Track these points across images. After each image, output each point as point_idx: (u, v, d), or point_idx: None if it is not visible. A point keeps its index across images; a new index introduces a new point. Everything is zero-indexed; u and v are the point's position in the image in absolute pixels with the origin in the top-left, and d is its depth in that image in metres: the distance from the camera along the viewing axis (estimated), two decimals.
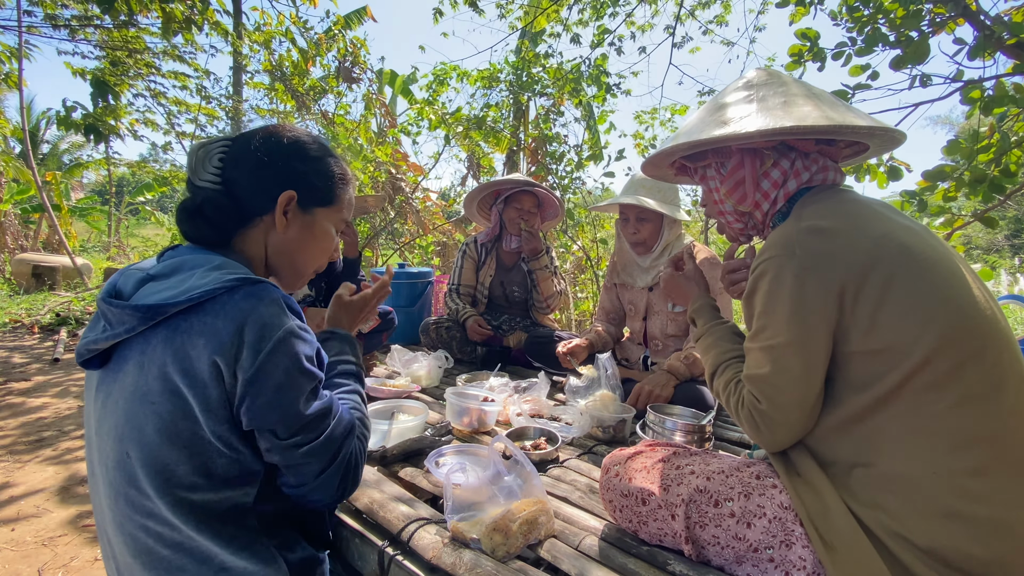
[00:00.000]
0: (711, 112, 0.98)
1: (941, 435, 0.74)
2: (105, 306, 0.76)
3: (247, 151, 0.86)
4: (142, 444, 0.72)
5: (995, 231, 12.23)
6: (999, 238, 16.51)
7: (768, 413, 0.84)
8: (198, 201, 0.83)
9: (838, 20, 2.45)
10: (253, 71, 6.42)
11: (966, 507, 0.71)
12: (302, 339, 0.77)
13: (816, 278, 0.79)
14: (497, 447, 1.17)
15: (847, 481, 0.80)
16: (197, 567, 0.72)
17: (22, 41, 6.03)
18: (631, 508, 0.98)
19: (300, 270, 0.94)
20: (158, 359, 0.72)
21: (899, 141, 0.96)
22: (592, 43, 4.59)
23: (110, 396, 0.76)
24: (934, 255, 0.80)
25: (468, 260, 2.67)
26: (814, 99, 0.91)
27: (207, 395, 0.71)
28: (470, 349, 2.53)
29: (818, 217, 0.85)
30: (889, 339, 0.76)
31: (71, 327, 5.21)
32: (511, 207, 2.52)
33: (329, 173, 0.92)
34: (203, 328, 0.71)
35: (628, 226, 2.04)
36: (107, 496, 0.75)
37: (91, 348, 0.76)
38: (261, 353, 0.72)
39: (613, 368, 1.78)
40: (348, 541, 1.07)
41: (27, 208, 9.89)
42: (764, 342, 0.85)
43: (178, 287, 0.74)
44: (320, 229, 0.92)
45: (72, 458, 2.42)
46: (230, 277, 0.74)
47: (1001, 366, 0.75)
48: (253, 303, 0.73)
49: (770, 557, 0.82)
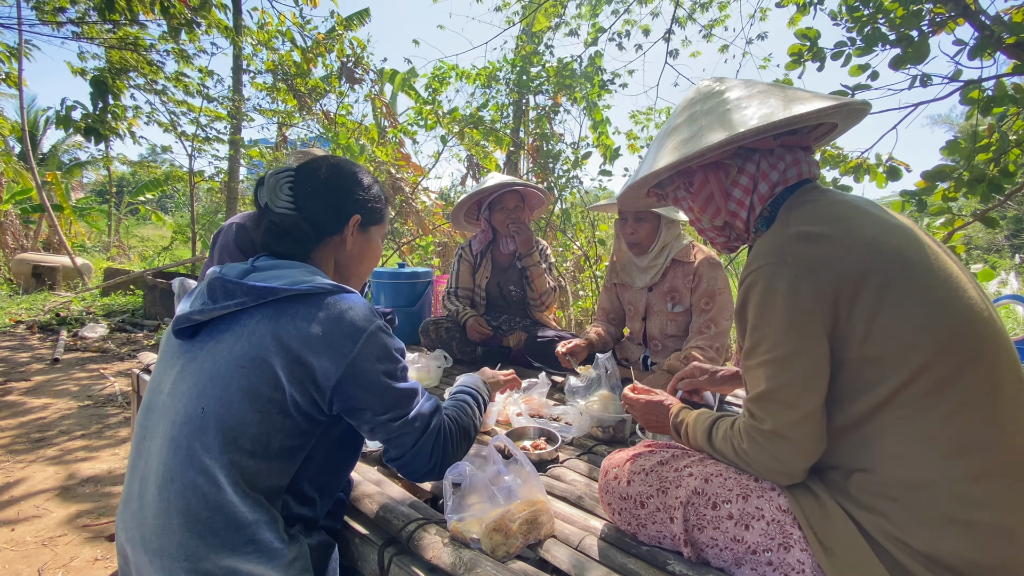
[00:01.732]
0: (661, 140, 0.98)
1: (939, 441, 0.73)
2: (219, 282, 0.88)
3: (317, 181, 1.00)
4: (223, 401, 0.80)
5: (995, 231, 12.22)
6: (999, 238, 16.50)
7: (775, 432, 0.80)
8: (286, 225, 0.97)
9: (838, 20, 2.45)
10: (256, 71, 6.41)
11: (966, 513, 0.70)
12: (389, 335, 0.93)
13: (811, 285, 0.77)
14: (497, 447, 1.17)
15: (846, 486, 0.79)
16: (231, 534, 0.77)
17: (22, 41, 6.03)
18: (630, 511, 0.98)
19: (362, 277, 1.12)
20: (259, 332, 0.83)
21: (862, 111, 0.93)
22: (586, 41, 4.58)
23: (194, 360, 0.86)
24: (928, 257, 0.78)
25: (464, 264, 2.67)
26: (756, 97, 0.89)
27: (295, 370, 0.82)
28: (470, 349, 2.53)
29: (808, 222, 0.83)
30: (886, 346, 0.75)
31: (71, 327, 5.21)
32: (496, 211, 2.51)
33: (381, 198, 1.09)
34: (307, 314, 0.84)
35: (626, 226, 2.04)
36: (163, 452, 0.81)
37: (193, 319, 0.87)
38: (358, 343, 0.86)
39: (613, 368, 1.77)
40: (348, 541, 1.07)
41: (27, 208, 9.89)
42: (762, 357, 0.82)
43: (284, 279, 0.88)
44: (375, 243, 1.10)
45: (72, 458, 2.42)
46: (329, 283, 0.90)
47: (998, 369, 0.74)
48: (350, 303, 0.89)
49: (768, 560, 0.82)
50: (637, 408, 1.20)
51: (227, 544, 0.77)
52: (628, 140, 4.97)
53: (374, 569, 1.00)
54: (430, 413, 0.98)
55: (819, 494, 0.80)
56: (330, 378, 0.84)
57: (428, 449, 0.96)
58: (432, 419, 0.98)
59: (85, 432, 2.74)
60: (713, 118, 0.90)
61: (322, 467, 0.93)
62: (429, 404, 0.99)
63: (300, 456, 0.87)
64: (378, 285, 3.36)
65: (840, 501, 0.79)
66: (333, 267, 1.04)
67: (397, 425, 0.92)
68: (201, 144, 7.12)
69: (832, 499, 0.79)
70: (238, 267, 0.93)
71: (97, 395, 3.33)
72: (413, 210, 5.48)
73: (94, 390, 3.43)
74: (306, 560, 0.83)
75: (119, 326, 5.32)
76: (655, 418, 1.16)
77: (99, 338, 4.82)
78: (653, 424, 1.17)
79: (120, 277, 7.05)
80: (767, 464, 0.83)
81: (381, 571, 0.98)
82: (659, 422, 1.14)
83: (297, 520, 0.89)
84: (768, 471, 0.83)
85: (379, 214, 1.09)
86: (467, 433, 1.08)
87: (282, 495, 0.86)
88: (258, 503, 0.80)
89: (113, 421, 2.93)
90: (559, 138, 4.77)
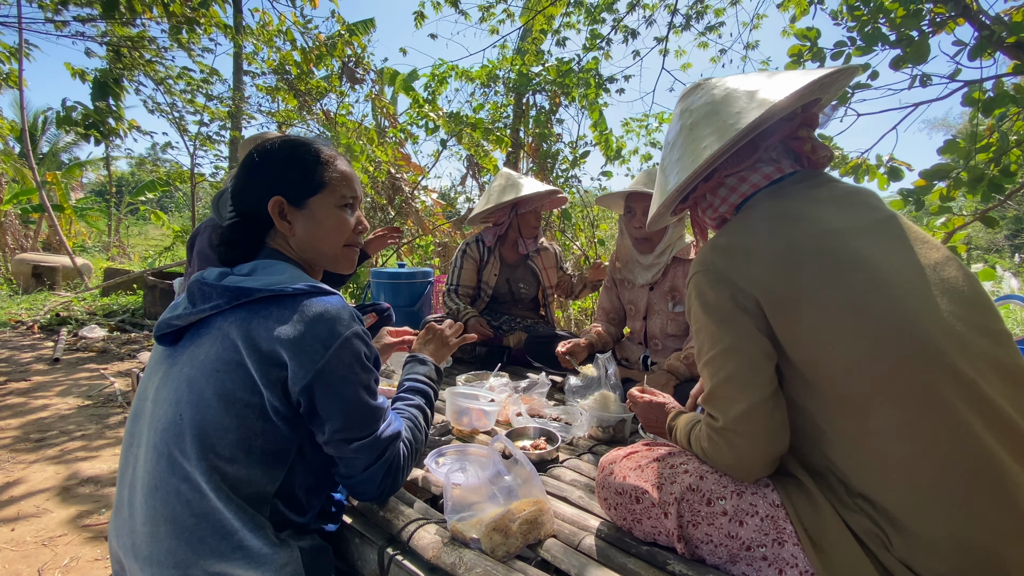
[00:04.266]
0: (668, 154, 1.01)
1: (887, 452, 0.72)
2: (196, 285, 0.86)
3: (241, 176, 0.94)
4: (199, 406, 0.79)
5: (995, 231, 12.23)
6: (999, 238, 16.50)
7: (726, 427, 0.81)
8: (229, 234, 0.94)
9: (838, 20, 2.45)
10: (258, 71, 6.41)
11: (921, 525, 0.69)
12: (364, 342, 0.87)
13: (729, 292, 0.81)
14: (497, 447, 1.17)
15: (832, 484, 0.79)
16: (218, 540, 0.76)
17: (22, 40, 6.03)
18: (625, 506, 0.98)
19: (330, 254, 0.99)
20: (233, 335, 0.81)
21: (850, 72, 0.93)
22: (584, 47, 4.59)
23: (175, 366, 0.84)
24: (853, 260, 0.77)
25: (469, 260, 2.65)
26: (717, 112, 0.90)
27: (268, 373, 0.79)
28: (470, 349, 2.53)
29: (731, 233, 0.88)
30: (812, 352, 0.77)
31: (71, 327, 5.21)
32: (529, 214, 2.51)
33: (304, 163, 0.93)
34: (280, 316, 0.81)
35: (633, 219, 2.02)
36: (148, 460, 0.80)
37: (172, 324, 0.86)
38: (330, 349, 0.81)
39: (613, 368, 1.77)
40: (348, 541, 1.07)
41: (27, 208, 9.89)
42: (705, 357, 0.85)
43: (260, 281, 0.85)
44: (322, 215, 0.95)
45: (72, 458, 2.42)
46: (307, 284, 0.85)
47: (938, 376, 0.70)
48: (326, 305, 0.84)
49: (763, 555, 0.82)
50: (639, 408, 1.21)
51: (215, 550, 0.76)
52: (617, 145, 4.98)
53: (374, 569, 1.00)
54: (389, 440, 0.92)
55: (811, 491, 0.80)
56: (297, 383, 0.80)
57: (379, 476, 0.91)
58: (389, 447, 0.92)
59: (85, 432, 2.74)
60: (690, 146, 0.92)
61: (311, 471, 0.90)
62: (391, 429, 0.93)
63: (286, 460, 0.85)
64: (378, 285, 3.37)
65: (829, 498, 0.78)
66: (295, 256, 0.97)
67: (352, 448, 0.87)
68: (204, 143, 7.13)
69: (823, 497, 0.79)
70: (217, 270, 0.91)
71: (97, 395, 3.33)
72: (413, 210, 5.48)
73: (94, 390, 3.43)
74: (297, 565, 0.81)
75: (119, 326, 5.32)
76: (654, 419, 1.16)
77: (99, 338, 4.82)
78: (652, 425, 1.18)
79: (120, 277, 7.04)
80: (726, 461, 0.84)
81: (381, 571, 0.98)
82: (657, 423, 1.15)
83: (287, 525, 0.86)
84: (728, 467, 0.85)
85: (310, 183, 0.93)
86: (419, 452, 1.04)
87: (270, 500, 0.83)
88: (243, 509, 0.78)
89: (113, 421, 2.93)
90: (558, 138, 4.78)
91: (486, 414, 1.59)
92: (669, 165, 0.98)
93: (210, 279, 0.87)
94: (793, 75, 0.88)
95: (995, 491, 0.68)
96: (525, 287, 2.64)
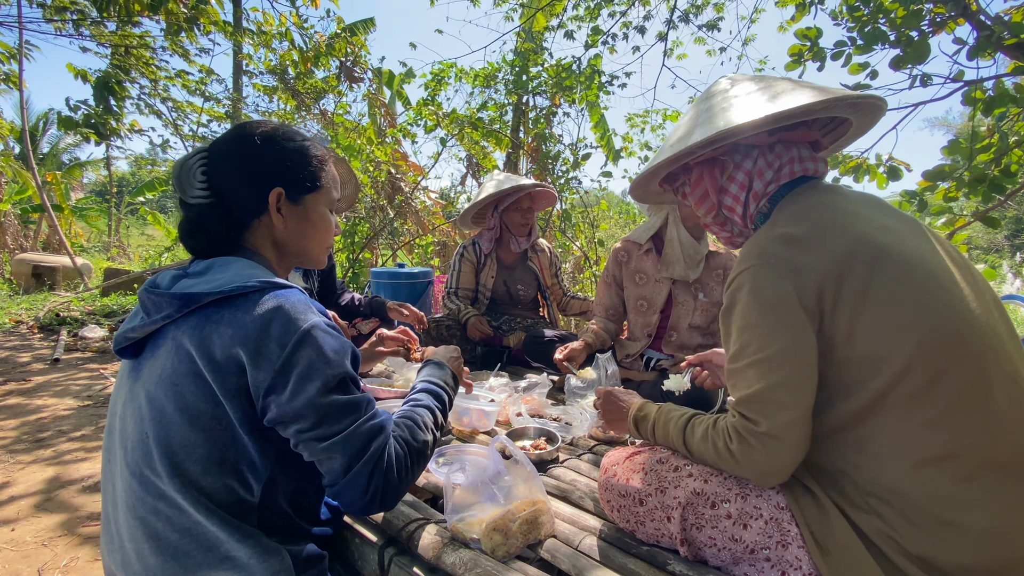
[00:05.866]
0: (672, 133, 1.01)
1: (927, 443, 0.72)
2: (146, 295, 0.82)
3: (231, 156, 0.87)
4: (162, 424, 0.75)
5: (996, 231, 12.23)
6: (1000, 238, 16.50)
7: (770, 434, 0.77)
8: (199, 217, 0.86)
9: (838, 20, 2.45)
10: (256, 71, 6.40)
11: (954, 516, 0.70)
12: (328, 334, 0.80)
13: (794, 286, 0.77)
14: (497, 447, 1.17)
15: (842, 485, 0.79)
16: (203, 554, 0.74)
17: (22, 41, 6.03)
18: (628, 508, 0.98)
19: (313, 254, 0.97)
20: (187, 344, 0.76)
21: (880, 108, 0.93)
22: (586, 44, 4.58)
23: (138, 380, 0.80)
24: (913, 257, 0.78)
25: (466, 263, 2.66)
26: (746, 96, 0.90)
27: (227, 381, 0.75)
28: (470, 349, 2.53)
29: (791, 223, 0.84)
30: (868, 348, 0.75)
31: (71, 327, 5.21)
32: (512, 211, 2.51)
33: (308, 159, 0.92)
34: (232, 319, 0.76)
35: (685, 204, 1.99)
36: (123, 479, 0.78)
37: (128, 336, 0.82)
38: (287, 346, 0.75)
39: (613, 368, 1.77)
40: (348, 541, 1.07)
41: (27, 208, 9.89)
42: (752, 357, 0.80)
43: (211, 282, 0.80)
44: (315, 214, 0.94)
45: (72, 459, 2.42)
46: (260, 279, 0.80)
47: (986, 371, 0.73)
48: (280, 300, 0.78)
49: (767, 557, 0.82)
50: (600, 398, 1.23)
51: (203, 564, 0.74)
52: (624, 143, 4.97)
53: (374, 569, 1.00)
54: (368, 434, 0.81)
55: (816, 493, 0.80)
56: (259, 387, 0.75)
57: (363, 479, 0.79)
58: (372, 442, 0.81)
59: (85, 432, 2.73)
60: (705, 117, 0.92)
61: (293, 478, 0.85)
62: (371, 423, 0.82)
63: (264, 469, 0.80)
64: (378, 285, 3.37)
65: (836, 500, 0.78)
66: (274, 252, 0.92)
67: (323, 447, 0.77)
68: (201, 142, 7.12)
69: (829, 499, 0.79)
70: (171, 272, 0.85)
71: (97, 395, 3.33)
72: (413, 210, 5.48)
73: (94, 390, 3.43)
74: (289, 572, 0.79)
75: (119, 326, 5.32)
76: (616, 410, 1.16)
77: (99, 338, 4.82)
78: (610, 418, 1.18)
79: (120, 277, 7.05)
80: (756, 467, 0.80)
81: (381, 571, 0.98)
82: (619, 415, 1.15)
83: (276, 531, 0.82)
84: (758, 473, 0.81)
85: (311, 181, 0.91)
86: (422, 454, 0.90)
87: (255, 509, 0.79)
88: (226, 520, 0.75)
89: None
90: (558, 139, 4.78)
91: (486, 414, 1.59)
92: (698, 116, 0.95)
93: (162, 285, 0.82)
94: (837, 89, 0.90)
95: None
96: (523, 288, 2.64)
